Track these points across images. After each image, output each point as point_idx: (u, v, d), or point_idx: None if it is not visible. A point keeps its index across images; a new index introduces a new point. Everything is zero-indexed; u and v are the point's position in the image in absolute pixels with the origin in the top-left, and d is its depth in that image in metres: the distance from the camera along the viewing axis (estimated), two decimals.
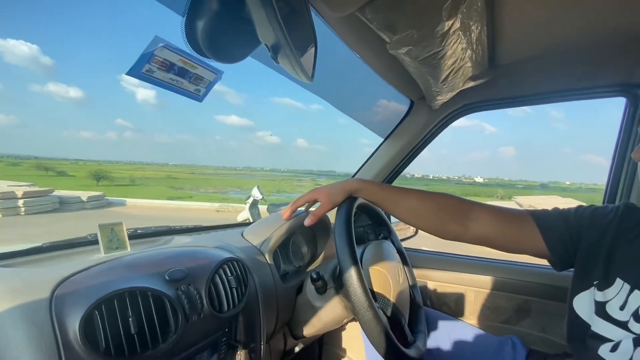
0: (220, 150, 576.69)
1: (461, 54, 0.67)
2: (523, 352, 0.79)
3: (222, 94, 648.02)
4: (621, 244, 0.56)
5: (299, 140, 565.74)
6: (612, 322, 0.51)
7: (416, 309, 0.87)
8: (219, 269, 0.55)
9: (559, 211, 0.66)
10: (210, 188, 40.85)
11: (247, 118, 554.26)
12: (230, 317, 0.55)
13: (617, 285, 0.52)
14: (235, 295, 0.55)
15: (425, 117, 1.07)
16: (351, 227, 0.69)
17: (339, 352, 1.19)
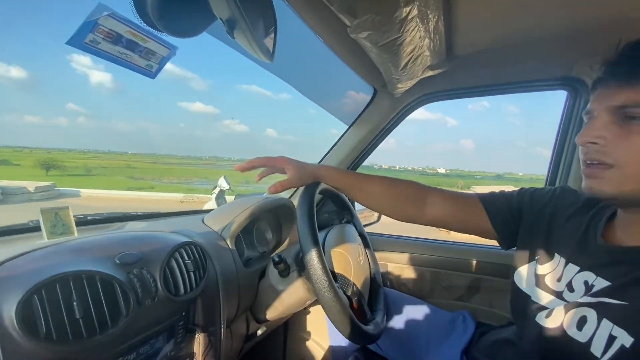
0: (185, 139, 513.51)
1: (419, 42, 0.69)
2: (472, 325, 0.85)
3: (185, 80, 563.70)
4: (557, 223, 0.62)
5: (268, 130, 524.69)
6: (549, 292, 0.56)
7: (376, 289, 0.91)
8: (175, 252, 0.54)
9: (503, 194, 0.72)
10: (173, 178, 39.13)
11: (213, 105, 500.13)
12: (187, 301, 0.54)
13: (555, 260, 0.58)
14: (192, 279, 0.54)
15: (387, 105, 1.09)
16: (313, 210, 0.70)
17: (303, 336, 1.21)
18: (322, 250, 0.65)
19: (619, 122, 0.45)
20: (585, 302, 0.47)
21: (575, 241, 0.56)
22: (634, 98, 0.43)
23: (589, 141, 0.47)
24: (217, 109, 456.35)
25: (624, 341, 0.40)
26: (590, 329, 0.45)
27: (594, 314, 0.45)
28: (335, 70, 1.00)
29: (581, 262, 0.53)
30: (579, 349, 0.45)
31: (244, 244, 0.88)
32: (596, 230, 0.54)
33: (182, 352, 0.55)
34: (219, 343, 0.60)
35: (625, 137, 0.44)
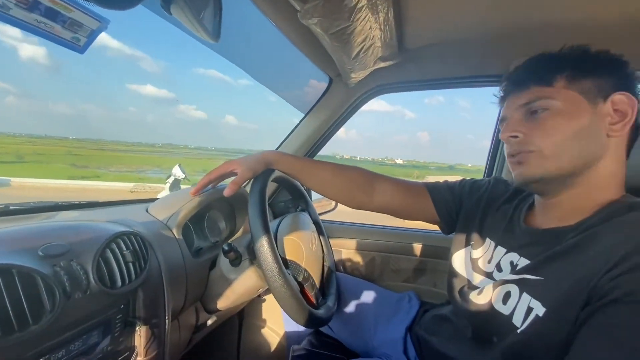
0: (135, 124, 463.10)
1: (370, 32, 0.70)
2: (417, 304, 0.91)
3: (135, 60, 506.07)
4: (490, 211, 0.68)
5: (228, 117, 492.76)
6: (481, 274, 0.62)
7: (329, 274, 0.94)
8: (111, 243, 0.50)
9: (447, 184, 0.78)
10: (123, 166, 36.31)
11: (167, 89, 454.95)
12: (126, 294, 0.51)
13: (487, 244, 0.64)
14: (132, 270, 0.52)
15: (342, 94, 1.10)
16: (264, 197, 0.69)
17: (259, 324, 1.22)
18: (272, 238, 0.65)
19: (527, 117, 0.52)
20: (510, 279, 0.53)
21: (503, 226, 0.62)
22: (532, 95, 0.50)
23: (509, 135, 0.53)
24: (172, 93, 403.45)
25: (539, 311, 0.46)
26: (513, 303, 0.50)
27: (517, 289, 0.51)
28: (292, 57, 0.99)
29: (508, 245, 0.59)
30: (503, 320, 0.51)
31: (193, 234, 0.85)
32: (520, 216, 0.61)
33: (121, 347, 0.52)
34: (163, 335, 0.58)
35: (535, 127, 0.50)
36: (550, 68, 0.50)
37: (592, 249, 0.44)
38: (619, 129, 0.47)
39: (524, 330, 0.47)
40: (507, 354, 0.50)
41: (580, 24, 0.75)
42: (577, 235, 0.47)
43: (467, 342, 0.60)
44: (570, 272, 0.44)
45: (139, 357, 0.54)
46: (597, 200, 0.49)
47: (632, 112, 0.47)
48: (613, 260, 0.39)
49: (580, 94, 0.48)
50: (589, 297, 0.40)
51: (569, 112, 0.48)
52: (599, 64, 0.49)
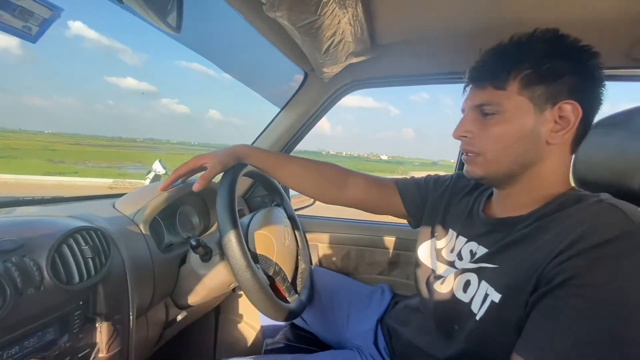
0: (115, 118, 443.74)
1: (339, 27, 0.71)
2: (389, 296, 0.93)
3: (114, 51, 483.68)
4: (453, 203, 0.71)
5: (212, 112, 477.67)
6: (445, 263, 0.64)
7: (303, 268, 0.94)
8: (68, 238, 0.49)
9: (414, 179, 0.81)
10: (102, 162, 35.09)
11: (148, 82, 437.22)
12: (85, 290, 0.50)
13: (450, 235, 0.66)
14: (90, 266, 0.51)
15: (317, 89, 1.11)
16: (233, 191, 0.69)
17: (235, 319, 1.22)
18: (240, 232, 0.65)
19: (480, 117, 0.53)
20: (469, 267, 0.55)
21: (464, 217, 0.65)
22: (486, 98, 0.52)
23: (460, 135, 0.55)
24: (154, 86, 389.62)
25: (494, 298, 0.48)
26: (472, 291, 0.53)
27: (476, 277, 0.53)
28: (266, 51, 0.98)
29: (468, 234, 0.61)
30: (463, 308, 0.53)
31: (164, 229, 0.84)
32: (479, 207, 0.63)
33: (81, 343, 0.51)
34: (127, 331, 0.57)
35: (484, 129, 0.52)
36: (505, 67, 0.50)
37: (542, 238, 0.46)
38: (559, 137, 0.49)
39: (482, 316, 0.49)
40: (469, 341, 0.52)
41: (549, 23, 0.78)
42: (529, 225, 0.50)
43: (433, 332, 0.62)
44: (522, 260, 0.47)
45: (100, 354, 0.53)
46: (545, 193, 0.52)
47: (575, 121, 0.48)
48: (559, 248, 0.42)
49: (530, 100, 0.49)
50: (538, 283, 0.43)
51: (516, 120, 0.50)
52: (559, 64, 0.48)
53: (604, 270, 0.38)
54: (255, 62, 1.20)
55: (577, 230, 0.42)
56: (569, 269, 0.40)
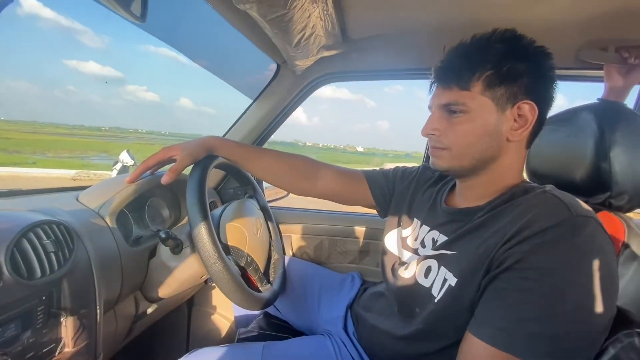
0: (77, 105, 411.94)
1: (309, 21, 0.71)
2: (359, 283, 0.97)
3: (73, 33, 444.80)
4: (418, 194, 0.75)
5: (183, 100, 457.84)
6: (409, 250, 0.68)
7: (276, 259, 0.96)
8: (28, 232, 0.48)
9: (382, 171, 0.84)
10: (63, 152, 32.84)
11: (112, 67, 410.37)
12: (47, 284, 0.49)
13: (414, 224, 0.70)
14: (53, 260, 0.49)
15: (289, 81, 1.11)
16: (203, 183, 0.69)
17: (208, 311, 1.22)
18: (211, 223, 0.66)
19: (446, 116, 0.56)
20: (431, 254, 0.59)
21: (428, 207, 0.69)
22: (452, 98, 0.54)
23: (428, 132, 0.58)
24: (119, 71, 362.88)
25: (451, 282, 0.52)
26: (433, 276, 0.57)
27: (436, 263, 0.57)
28: (238, 43, 0.97)
29: (431, 223, 0.65)
30: (424, 292, 0.57)
31: (132, 222, 0.82)
32: (442, 198, 0.68)
33: (45, 339, 0.50)
34: (94, 325, 0.57)
35: (450, 127, 0.55)
36: (470, 68, 0.53)
37: (495, 226, 0.51)
38: (519, 134, 0.53)
39: (440, 299, 0.54)
40: (427, 321, 0.57)
41: (506, 23, 0.83)
42: (484, 214, 0.54)
43: (395, 315, 0.66)
44: (476, 246, 0.51)
45: (66, 348, 0.52)
46: (500, 185, 0.57)
47: (532, 120, 0.52)
48: (508, 235, 0.46)
49: (492, 100, 0.52)
50: (489, 266, 0.47)
51: (479, 118, 0.53)
52: (517, 66, 0.51)
53: (544, 254, 0.43)
54: (227, 54, 1.18)
55: (524, 219, 0.46)
56: (516, 254, 0.44)
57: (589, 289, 0.41)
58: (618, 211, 0.64)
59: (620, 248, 0.59)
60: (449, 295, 0.52)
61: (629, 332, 0.42)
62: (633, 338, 0.41)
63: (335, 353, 0.72)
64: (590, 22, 0.80)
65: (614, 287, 0.44)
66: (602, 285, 0.41)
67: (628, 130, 0.60)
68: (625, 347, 0.41)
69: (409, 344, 0.61)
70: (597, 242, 0.43)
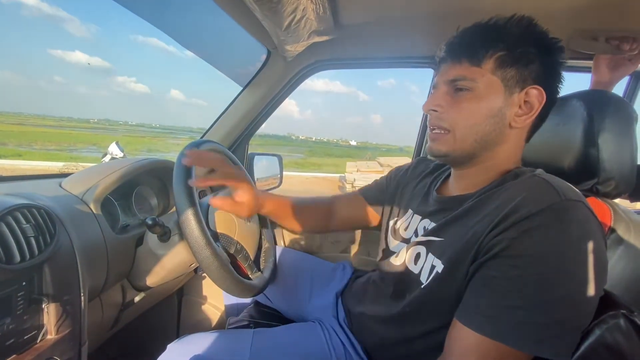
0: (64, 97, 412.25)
1: (300, 4, 0.70)
2: (350, 272, 0.97)
3: (58, 21, 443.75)
4: (411, 185, 0.75)
5: (174, 92, 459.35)
6: (402, 241, 0.68)
7: (267, 247, 0.95)
8: (6, 216, 0.46)
9: (375, 182, 0.87)
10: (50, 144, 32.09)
11: (100, 57, 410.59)
12: (28, 269, 0.48)
13: (409, 214, 0.70)
14: (33, 245, 0.48)
15: (281, 68, 1.09)
16: (191, 171, 0.68)
17: (199, 300, 1.21)
18: (199, 210, 0.64)
19: (451, 93, 0.54)
20: (420, 241, 0.59)
21: (421, 197, 0.69)
22: (460, 73, 0.53)
23: (430, 108, 0.56)
24: (107, 62, 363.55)
25: (439, 268, 0.52)
26: (422, 262, 0.57)
27: (424, 249, 0.57)
28: (229, 28, 0.95)
29: (423, 212, 0.65)
30: (413, 278, 0.57)
31: (118, 210, 0.80)
32: (435, 186, 0.67)
33: (27, 325, 0.49)
34: (78, 312, 0.56)
35: (455, 105, 0.54)
36: (484, 44, 0.52)
37: (483, 212, 0.50)
38: (522, 121, 0.52)
39: (427, 285, 0.54)
40: (413, 305, 0.57)
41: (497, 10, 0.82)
42: (473, 200, 0.54)
43: (386, 300, 0.67)
44: (463, 233, 0.50)
45: (48, 335, 0.51)
46: (495, 173, 0.56)
47: (538, 106, 0.52)
48: (496, 220, 0.45)
49: (502, 81, 0.51)
50: (477, 253, 0.47)
51: (487, 98, 0.52)
52: (530, 50, 0.51)
53: (531, 241, 0.42)
54: (218, 40, 1.15)
55: (511, 204, 0.45)
56: (503, 241, 0.43)
57: (579, 276, 0.41)
58: (605, 197, 0.64)
59: (607, 232, 0.60)
60: (435, 281, 0.52)
61: (614, 313, 0.42)
62: (618, 319, 0.42)
63: (326, 339, 0.72)
64: (581, 11, 0.80)
65: (603, 272, 0.44)
66: (591, 272, 0.41)
67: (616, 117, 0.61)
68: (611, 328, 0.41)
69: (396, 326, 0.61)
70: (587, 227, 0.43)
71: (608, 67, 0.85)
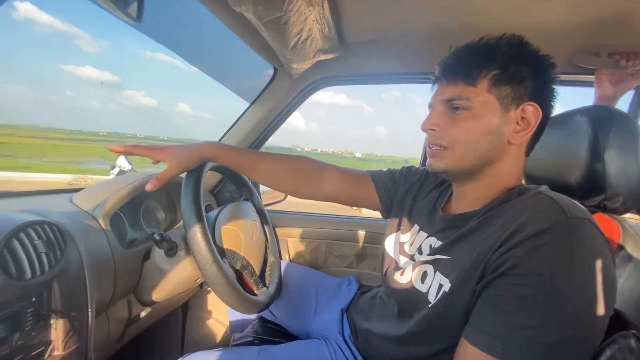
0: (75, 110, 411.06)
1: (306, 24, 0.72)
2: (356, 287, 0.96)
3: (70, 37, 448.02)
4: (419, 198, 0.73)
5: (181, 105, 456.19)
6: (405, 256, 0.67)
7: (272, 262, 0.95)
8: (19, 233, 0.47)
9: (389, 170, 0.82)
10: (59, 157, 32.66)
11: (110, 72, 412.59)
12: (38, 285, 0.48)
13: (414, 229, 0.69)
14: (44, 261, 0.49)
15: (287, 85, 1.11)
16: (198, 186, 0.69)
17: (203, 316, 1.20)
18: (206, 226, 0.65)
19: (448, 112, 0.55)
20: (427, 260, 0.58)
21: (427, 213, 0.68)
22: (456, 92, 0.53)
23: (428, 128, 0.57)
24: (117, 76, 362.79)
25: (446, 287, 0.51)
26: (429, 281, 0.56)
27: (432, 268, 0.56)
28: (234, 45, 0.97)
29: (428, 230, 0.65)
30: (421, 297, 0.56)
31: (126, 224, 0.81)
32: (441, 204, 0.67)
33: (35, 341, 0.49)
34: (85, 329, 0.56)
35: (452, 124, 0.54)
36: (478, 65, 0.53)
37: (489, 229, 0.50)
38: (520, 137, 0.53)
39: (435, 304, 0.53)
40: (421, 324, 0.56)
41: (502, 28, 0.84)
42: (479, 218, 0.54)
43: (393, 318, 0.66)
44: (470, 251, 0.50)
45: (55, 352, 0.51)
46: (498, 189, 0.56)
47: (535, 123, 0.52)
48: (502, 239, 0.45)
49: (498, 99, 0.52)
50: (484, 272, 0.46)
51: (484, 116, 0.52)
52: (523, 69, 0.51)
53: (539, 260, 0.42)
54: (225, 57, 1.18)
55: (517, 222, 0.45)
56: (510, 259, 0.43)
57: (587, 294, 0.40)
58: (613, 213, 0.64)
59: (616, 250, 0.59)
60: (443, 300, 0.52)
61: (624, 333, 0.42)
62: (629, 339, 0.41)
63: (332, 356, 0.71)
64: (583, 28, 0.81)
65: (612, 291, 0.43)
66: (600, 290, 0.40)
67: (621, 132, 0.61)
68: (622, 349, 0.41)
69: (404, 346, 0.60)
70: (594, 245, 0.42)
71: (610, 82, 0.86)
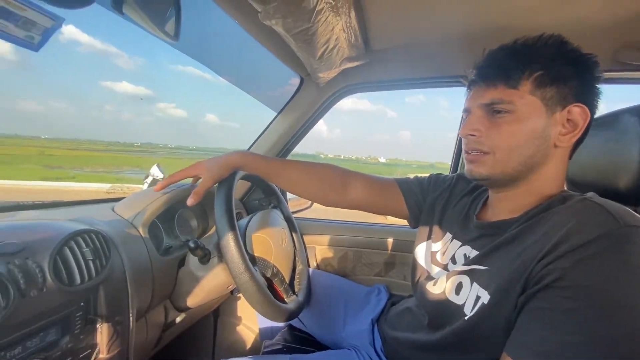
0: (112, 123, 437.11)
1: (333, 34, 0.73)
2: (385, 297, 0.94)
3: (109, 56, 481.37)
4: (450, 205, 0.71)
5: (209, 116, 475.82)
6: (438, 265, 0.65)
7: (301, 270, 0.96)
8: (70, 241, 0.51)
9: (417, 178, 0.80)
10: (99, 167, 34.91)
11: (144, 86, 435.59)
12: (85, 291, 0.51)
13: (446, 238, 0.67)
14: (91, 268, 0.52)
15: (313, 93, 1.12)
16: (230, 196, 0.71)
17: (234, 322, 1.22)
18: (238, 235, 0.67)
19: (489, 116, 0.53)
20: (461, 270, 0.56)
21: (460, 221, 0.66)
22: (497, 96, 0.51)
23: (468, 133, 0.54)
24: (150, 90, 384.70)
25: (484, 299, 0.49)
26: (465, 293, 0.53)
27: (468, 279, 0.54)
28: (262, 57, 1.00)
29: (462, 238, 0.62)
30: (456, 310, 0.54)
31: (162, 232, 0.85)
32: (474, 211, 0.64)
33: (83, 344, 0.52)
34: (127, 333, 0.59)
35: (494, 128, 0.52)
36: (519, 66, 0.50)
37: (530, 239, 0.47)
38: (567, 140, 0.50)
39: (471, 317, 0.50)
40: (455, 336, 0.53)
41: (537, 28, 0.80)
42: (519, 226, 0.51)
43: (424, 329, 0.63)
44: (510, 261, 0.47)
45: (101, 354, 0.54)
46: (539, 196, 0.53)
47: (583, 124, 0.49)
48: (545, 249, 0.42)
49: (542, 101, 0.49)
50: (526, 284, 0.44)
51: (528, 119, 0.49)
52: (567, 68, 0.49)
53: (588, 271, 0.39)
54: (252, 68, 1.22)
55: (562, 230, 0.42)
56: (556, 271, 0.40)
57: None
58: None
59: None
60: (481, 313, 0.49)
61: None
62: None
63: None
64: (626, 22, 0.76)
65: None
66: None
67: None
68: None
69: (437, 355, 0.58)
70: None
71: None
